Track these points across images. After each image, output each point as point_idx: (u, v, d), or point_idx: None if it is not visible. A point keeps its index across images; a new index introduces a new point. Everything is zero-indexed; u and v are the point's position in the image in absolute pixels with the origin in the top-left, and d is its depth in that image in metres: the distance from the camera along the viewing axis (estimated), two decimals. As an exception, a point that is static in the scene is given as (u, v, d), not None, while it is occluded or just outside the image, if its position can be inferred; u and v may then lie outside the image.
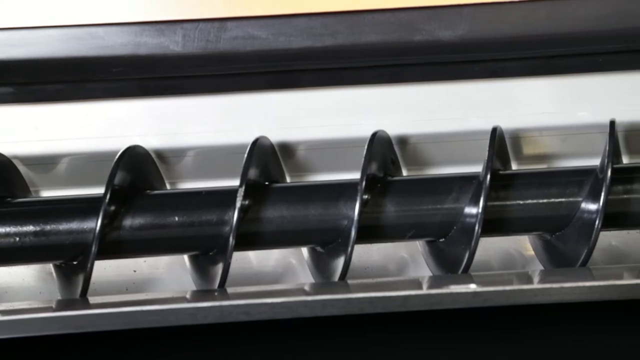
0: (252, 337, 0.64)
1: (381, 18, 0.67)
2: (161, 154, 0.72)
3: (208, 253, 0.67)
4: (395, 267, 0.73)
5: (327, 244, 0.68)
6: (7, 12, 0.67)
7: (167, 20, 0.67)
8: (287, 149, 0.72)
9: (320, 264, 0.69)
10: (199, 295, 0.66)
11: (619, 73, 0.70)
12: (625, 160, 0.71)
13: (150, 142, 0.71)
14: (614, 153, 0.66)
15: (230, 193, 0.65)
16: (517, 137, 0.72)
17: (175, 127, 0.71)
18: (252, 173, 0.66)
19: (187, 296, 0.65)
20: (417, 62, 0.70)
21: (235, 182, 0.65)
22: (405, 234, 0.68)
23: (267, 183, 0.68)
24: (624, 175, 0.67)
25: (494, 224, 0.67)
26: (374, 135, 0.67)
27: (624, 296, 0.60)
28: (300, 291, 0.64)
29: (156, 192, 0.68)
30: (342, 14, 0.67)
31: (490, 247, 0.73)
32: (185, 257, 0.69)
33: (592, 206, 0.66)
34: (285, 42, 0.67)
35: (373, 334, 0.65)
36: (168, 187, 0.72)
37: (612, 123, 0.67)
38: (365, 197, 0.67)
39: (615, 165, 0.66)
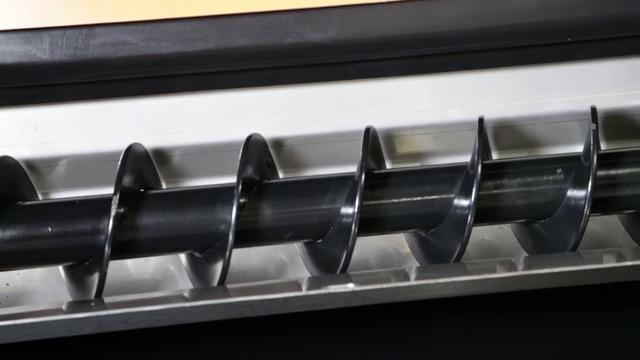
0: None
1: (251, 21, 0.67)
2: (32, 164, 0.70)
3: (84, 263, 0.66)
4: (275, 270, 0.74)
5: (205, 249, 0.68)
6: None
7: (33, 28, 0.66)
8: (161, 155, 0.71)
9: (198, 270, 0.68)
10: (75, 306, 0.65)
11: (486, 71, 0.71)
12: (495, 156, 0.73)
13: (20, 152, 0.69)
14: (483, 149, 0.67)
15: (105, 201, 0.65)
16: (391, 136, 0.73)
17: (46, 136, 0.70)
18: (127, 180, 0.66)
19: (63, 307, 0.64)
20: (290, 64, 0.70)
21: (110, 191, 0.64)
22: (283, 236, 0.68)
23: (142, 190, 0.68)
24: (493, 171, 0.68)
25: (370, 223, 0.68)
26: (249, 138, 0.67)
27: (498, 289, 0.62)
28: (179, 298, 0.64)
29: (28, 202, 0.67)
30: (213, 18, 0.67)
31: (367, 246, 0.74)
32: (60, 268, 0.68)
33: (464, 202, 0.67)
34: (155, 48, 0.67)
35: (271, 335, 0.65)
36: (40, 197, 0.70)
37: (481, 120, 0.68)
38: (242, 200, 0.67)
39: (485, 162, 0.67)
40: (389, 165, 0.73)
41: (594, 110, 0.68)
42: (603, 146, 0.72)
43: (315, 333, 0.66)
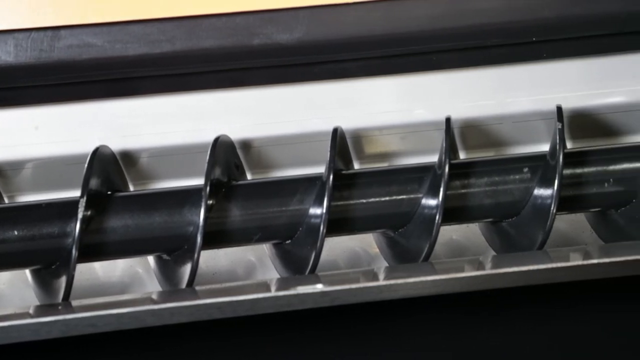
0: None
1: (218, 23, 0.67)
2: (-3, 168, 0.70)
3: (51, 266, 0.66)
4: (244, 271, 0.74)
5: (173, 251, 0.67)
6: None
7: (-2, 30, 0.66)
8: (129, 157, 0.71)
9: (167, 272, 0.68)
10: (42, 310, 0.64)
11: (453, 71, 0.72)
12: (462, 155, 0.73)
13: (-15, 155, 0.69)
14: (450, 149, 0.68)
15: (72, 204, 0.64)
16: (358, 136, 0.73)
17: (11, 139, 0.70)
18: (94, 183, 0.65)
19: (30, 311, 0.64)
20: (257, 65, 0.70)
21: (77, 193, 0.64)
22: (252, 238, 0.68)
23: (109, 193, 0.67)
24: (461, 171, 0.69)
25: (339, 224, 0.68)
26: (217, 140, 0.67)
27: (466, 288, 0.62)
28: (148, 300, 0.64)
29: (-6, 206, 0.67)
30: (179, 19, 0.67)
31: (336, 247, 0.74)
32: (28, 271, 0.68)
33: (432, 202, 0.67)
34: (121, 49, 0.67)
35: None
36: (6, 200, 0.70)
37: (448, 120, 0.69)
38: (210, 202, 0.67)
39: (452, 161, 0.67)
40: (357, 166, 0.73)
41: (559, 109, 0.68)
42: (569, 145, 0.72)
43: (284, 334, 0.66)
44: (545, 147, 0.70)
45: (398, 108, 0.73)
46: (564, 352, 0.67)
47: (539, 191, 0.68)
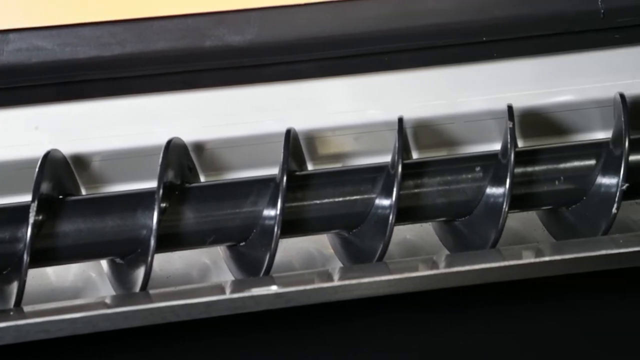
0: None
1: (169, 25, 0.67)
2: (-54, 173, 0.69)
3: (2, 272, 0.65)
4: (198, 274, 0.73)
5: (126, 255, 0.67)
6: None
7: (-54, 34, 0.65)
8: (80, 161, 0.70)
9: (120, 276, 0.68)
10: (-6, 316, 0.64)
11: (404, 71, 0.72)
12: (415, 155, 0.74)
13: None
14: (403, 149, 0.68)
15: (23, 209, 0.64)
16: (312, 137, 0.73)
17: (-40, 144, 0.69)
18: (45, 187, 0.65)
19: (-18, 318, 0.63)
20: (209, 67, 0.70)
21: (28, 198, 0.64)
22: (206, 240, 0.68)
23: (61, 197, 0.67)
24: (414, 170, 0.69)
25: (293, 225, 0.68)
26: (169, 142, 0.67)
27: (420, 288, 0.62)
28: (101, 305, 0.63)
29: (-56, 212, 0.66)
30: (129, 22, 0.67)
31: (290, 248, 0.74)
32: (-22, 278, 0.67)
33: (386, 202, 0.68)
34: (72, 53, 0.66)
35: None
36: (-44, 206, 0.69)
37: (400, 120, 0.69)
38: (163, 205, 0.66)
39: (405, 161, 0.68)
40: (310, 167, 0.73)
41: (510, 108, 0.69)
42: (520, 143, 0.73)
43: (240, 336, 0.66)
44: (497, 146, 0.70)
45: (351, 109, 0.73)
46: (518, 348, 0.67)
47: (491, 190, 0.69)
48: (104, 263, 0.69)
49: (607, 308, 0.68)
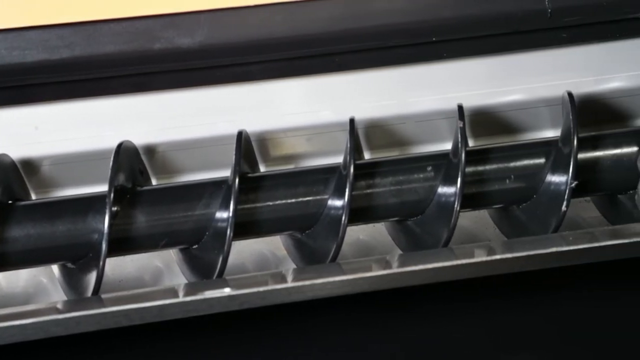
0: None
1: (118, 28, 0.67)
2: None
3: (-49, 279, 0.65)
4: (151, 277, 0.73)
5: (78, 259, 0.67)
6: None
7: None
8: (30, 166, 0.70)
9: (72, 281, 0.67)
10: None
11: (356, 72, 0.72)
12: (367, 155, 0.74)
13: None
14: (355, 149, 0.68)
15: (-29, 215, 0.63)
16: (264, 139, 0.73)
17: None
18: (-6, 192, 0.64)
19: None
20: (159, 70, 0.69)
21: (-24, 203, 0.63)
22: (158, 243, 0.68)
23: (10, 202, 0.66)
24: (366, 171, 0.69)
25: (246, 227, 0.68)
26: (120, 146, 0.67)
27: (374, 287, 0.62)
28: (53, 310, 0.63)
29: None
30: (78, 25, 0.66)
31: (244, 250, 0.74)
32: None
33: (338, 202, 0.68)
34: (19, 56, 0.66)
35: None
36: None
37: (352, 121, 0.69)
38: (115, 209, 0.66)
39: (357, 162, 0.68)
40: (263, 169, 0.73)
41: (460, 108, 0.69)
42: (471, 143, 0.73)
43: (194, 340, 0.65)
44: (448, 146, 0.70)
45: (303, 110, 0.73)
46: (471, 345, 0.68)
47: (443, 189, 0.69)
48: (55, 268, 0.69)
49: (559, 304, 0.69)
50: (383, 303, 0.67)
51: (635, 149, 0.71)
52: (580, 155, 0.69)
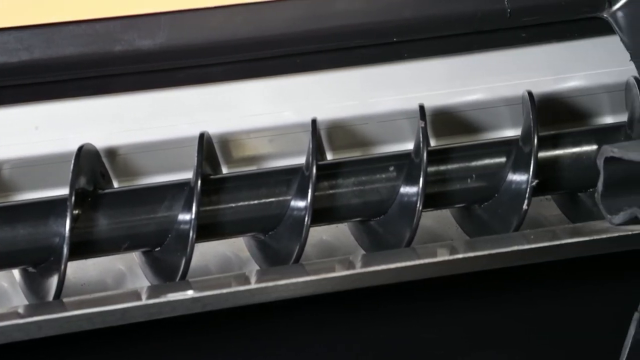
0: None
1: (78, 30, 0.66)
2: None
3: None
4: (113, 281, 0.73)
5: (39, 263, 0.66)
6: None
7: None
8: (-11, 169, 0.70)
9: (33, 285, 0.67)
10: None
11: (317, 72, 0.72)
12: (329, 156, 0.74)
13: None
14: (317, 150, 0.68)
15: None
16: (226, 140, 0.73)
17: None
18: (-47, 197, 0.64)
19: None
20: (120, 72, 0.69)
21: None
22: (121, 246, 0.68)
23: (-30, 206, 0.66)
24: (328, 172, 0.69)
25: (209, 229, 0.68)
26: (80, 149, 0.66)
27: (338, 288, 0.63)
28: (14, 314, 0.62)
29: None
30: (36, 27, 0.66)
31: (207, 252, 0.73)
32: None
33: (301, 203, 0.68)
34: (-23, 59, 0.65)
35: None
36: None
37: (314, 122, 0.69)
38: (76, 212, 0.66)
39: (319, 163, 0.68)
40: (225, 170, 0.73)
41: (422, 108, 0.69)
42: (433, 143, 0.73)
43: (158, 343, 0.65)
44: (410, 146, 0.71)
45: (264, 111, 0.73)
46: (438, 345, 0.68)
47: (405, 189, 0.69)
48: (16, 272, 0.68)
49: (524, 302, 0.69)
50: (348, 303, 0.67)
51: (594, 147, 0.72)
52: (541, 154, 0.69)
